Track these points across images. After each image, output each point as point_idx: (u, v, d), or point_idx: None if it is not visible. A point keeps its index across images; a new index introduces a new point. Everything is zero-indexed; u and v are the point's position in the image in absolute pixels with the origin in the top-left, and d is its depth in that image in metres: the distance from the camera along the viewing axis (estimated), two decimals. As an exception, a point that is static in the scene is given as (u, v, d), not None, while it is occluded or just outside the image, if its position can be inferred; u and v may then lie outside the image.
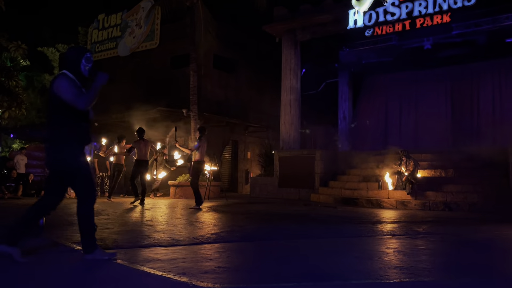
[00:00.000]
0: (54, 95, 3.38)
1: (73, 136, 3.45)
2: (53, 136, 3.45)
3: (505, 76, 14.11)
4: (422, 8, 11.17)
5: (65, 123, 3.41)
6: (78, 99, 3.37)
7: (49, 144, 3.47)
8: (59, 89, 3.36)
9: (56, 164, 3.48)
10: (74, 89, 3.39)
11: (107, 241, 4.43)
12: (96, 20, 20.17)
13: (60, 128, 3.42)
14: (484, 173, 10.56)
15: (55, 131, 3.44)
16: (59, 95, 3.36)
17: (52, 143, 3.45)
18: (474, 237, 5.39)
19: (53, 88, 3.39)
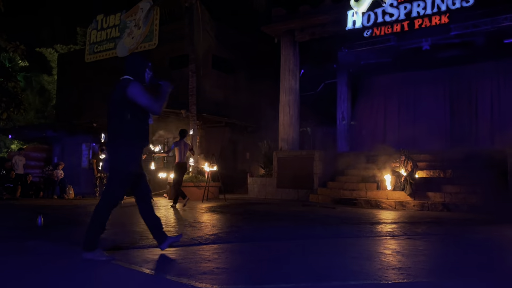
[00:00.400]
0: (128, 99, 3.56)
1: (139, 139, 3.68)
2: (120, 137, 3.62)
3: (504, 77, 14.13)
4: (421, 9, 11.18)
5: (129, 127, 3.61)
6: (155, 104, 3.62)
7: (115, 145, 3.63)
8: (134, 94, 3.56)
9: (121, 164, 3.61)
10: (148, 94, 3.62)
11: (106, 242, 4.43)
12: (95, 20, 20.16)
13: (126, 131, 3.61)
14: (483, 173, 10.55)
15: (122, 133, 3.61)
16: (134, 100, 3.56)
17: (118, 144, 3.62)
18: (473, 238, 5.40)
19: (128, 93, 3.56)
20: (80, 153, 19.73)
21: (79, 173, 19.37)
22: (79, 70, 20.58)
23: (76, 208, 9.12)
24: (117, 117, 3.63)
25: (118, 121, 3.63)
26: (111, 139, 3.66)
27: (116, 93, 3.67)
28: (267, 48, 19.12)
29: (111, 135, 3.67)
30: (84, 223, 6.28)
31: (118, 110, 3.63)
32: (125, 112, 3.60)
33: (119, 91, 3.64)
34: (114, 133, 3.65)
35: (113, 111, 3.67)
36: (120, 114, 3.62)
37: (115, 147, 3.63)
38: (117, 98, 3.64)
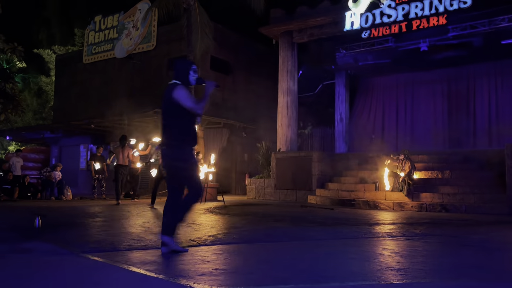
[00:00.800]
0: (174, 102, 3.85)
1: (189, 139, 3.95)
2: (173, 139, 3.91)
3: (501, 78, 14.18)
4: (419, 10, 11.21)
5: (183, 128, 3.91)
6: (198, 106, 3.88)
7: (169, 146, 3.92)
8: (180, 98, 3.84)
9: (176, 164, 3.90)
10: (192, 97, 3.91)
11: (103, 243, 4.42)
12: (93, 21, 20.15)
13: (180, 132, 3.90)
14: (481, 174, 10.60)
15: (175, 135, 3.90)
16: (179, 102, 3.84)
17: (172, 145, 3.91)
18: (471, 238, 5.41)
19: (174, 96, 3.85)
20: (78, 154, 19.70)
21: (77, 175, 19.34)
22: (77, 71, 20.56)
23: (74, 210, 9.10)
24: (170, 119, 3.94)
25: (171, 123, 3.93)
26: (166, 140, 3.94)
27: (166, 97, 3.95)
28: (265, 49, 19.16)
29: (167, 136, 3.94)
30: (82, 225, 6.28)
31: (170, 113, 3.93)
32: (175, 114, 3.90)
33: (167, 95, 3.92)
34: (168, 135, 3.94)
35: (166, 114, 3.96)
36: (171, 116, 3.92)
37: (174, 147, 3.90)
38: (167, 102, 3.92)
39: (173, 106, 3.88)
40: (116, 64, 18.82)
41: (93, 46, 19.83)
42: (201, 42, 13.68)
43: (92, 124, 16.56)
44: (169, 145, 3.93)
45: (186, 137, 3.92)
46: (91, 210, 8.85)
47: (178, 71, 4.07)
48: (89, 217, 7.33)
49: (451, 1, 10.73)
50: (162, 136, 4.02)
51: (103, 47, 19.38)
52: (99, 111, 18.51)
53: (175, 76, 4.05)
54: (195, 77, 4.09)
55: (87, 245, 4.29)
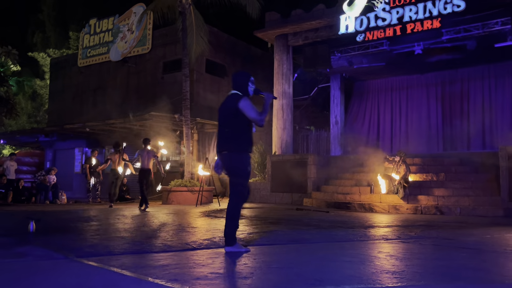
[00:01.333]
0: (238, 111, 4.14)
1: (248, 146, 4.27)
2: (235, 145, 4.20)
3: (495, 81, 14.28)
4: (413, 14, 11.27)
5: (244, 136, 4.22)
6: (260, 117, 4.16)
7: (230, 151, 4.21)
8: (244, 108, 4.13)
9: (236, 168, 4.23)
10: (255, 108, 4.16)
11: (99, 248, 4.40)
12: (88, 25, 20.12)
13: (242, 139, 4.21)
14: (475, 177, 10.65)
15: (238, 141, 4.20)
16: (243, 112, 4.13)
17: (233, 151, 4.20)
18: (466, 241, 5.42)
19: (239, 106, 4.14)
20: (73, 158, 19.62)
21: (71, 178, 19.25)
22: (72, 75, 20.51)
23: (68, 214, 9.05)
24: (230, 127, 4.22)
25: (231, 130, 4.22)
26: (226, 146, 4.23)
27: (228, 106, 4.24)
28: (260, 52, 19.20)
29: (225, 143, 4.24)
30: (76, 229, 6.25)
31: (231, 121, 4.21)
32: (237, 123, 4.19)
33: (230, 105, 4.21)
34: (228, 141, 4.23)
35: (226, 122, 4.26)
36: (232, 124, 4.21)
37: (234, 151, 4.20)
38: (229, 111, 4.21)
39: (236, 115, 4.17)
40: (111, 68, 18.79)
41: (88, 50, 19.79)
42: (196, 46, 13.69)
43: (87, 127, 16.50)
44: (230, 150, 4.22)
45: (246, 145, 4.25)
46: (86, 214, 8.81)
47: (237, 83, 4.36)
48: (83, 221, 7.29)
49: (445, 5, 10.80)
50: (221, 142, 4.28)
51: (98, 51, 19.35)
52: (94, 114, 18.47)
53: (234, 87, 4.36)
54: (252, 88, 4.40)
55: (82, 250, 4.27)
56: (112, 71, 18.75)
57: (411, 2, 11.28)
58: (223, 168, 4.38)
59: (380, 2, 11.73)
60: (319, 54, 13.38)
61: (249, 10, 13.20)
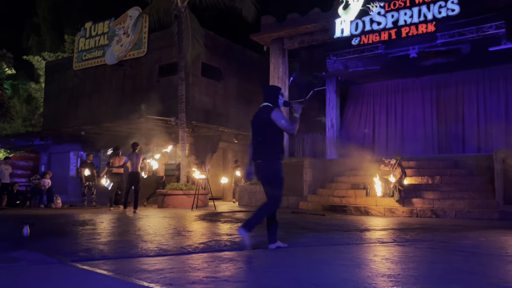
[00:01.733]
0: (271, 122, 4.46)
1: (281, 154, 4.57)
2: (269, 153, 4.53)
3: (489, 84, 14.37)
4: (407, 18, 11.33)
5: (277, 144, 4.54)
6: (292, 127, 4.52)
7: (265, 159, 4.54)
8: (277, 119, 4.45)
9: (270, 175, 4.53)
10: (286, 118, 4.50)
11: (93, 252, 4.37)
12: (83, 28, 20.08)
13: (276, 148, 4.53)
14: (470, 180, 10.69)
15: (271, 150, 4.52)
16: (276, 122, 4.45)
17: (268, 159, 4.53)
18: (461, 244, 5.44)
19: (272, 117, 4.46)
20: (68, 161, 19.54)
21: (66, 182, 19.16)
22: (67, 78, 20.45)
23: (63, 218, 9.00)
24: (263, 137, 4.54)
25: (264, 140, 4.54)
26: (260, 155, 4.55)
27: (261, 117, 4.58)
28: (256, 56, 19.23)
29: (259, 152, 4.57)
30: (71, 233, 6.21)
31: (264, 131, 4.53)
32: (270, 133, 4.50)
33: (263, 116, 4.53)
34: (262, 150, 4.55)
35: (259, 132, 4.58)
36: (265, 134, 4.52)
37: (269, 159, 4.53)
38: (262, 121, 4.54)
39: (269, 126, 4.49)
40: (107, 71, 18.76)
41: (84, 53, 19.75)
42: (192, 49, 13.70)
43: (82, 131, 16.44)
44: (265, 158, 4.54)
45: (280, 153, 4.56)
46: (81, 218, 8.76)
47: (268, 95, 4.70)
48: (78, 225, 7.25)
49: (439, 9, 10.86)
50: (256, 151, 4.61)
51: (94, 54, 19.32)
52: (90, 118, 18.41)
53: (265, 99, 4.69)
54: (282, 100, 4.70)
55: (77, 254, 4.24)
56: (107, 74, 18.71)
57: (406, 6, 11.34)
58: (255, 175, 4.70)
59: (375, 6, 11.79)
60: (315, 57, 13.42)
61: (245, 13, 13.22)
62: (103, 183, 13.45)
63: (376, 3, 11.75)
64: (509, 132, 13.58)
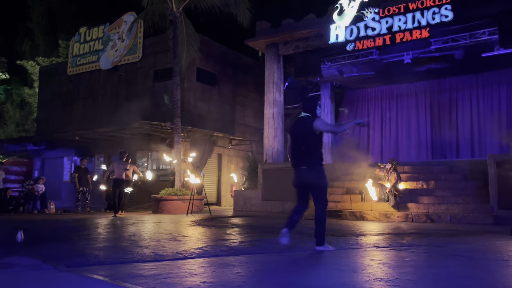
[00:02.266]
0: (314, 131, 4.86)
1: (322, 160, 4.96)
2: (314, 160, 4.90)
3: (482, 90, 14.49)
4: (402, 24, 11.41)
5: (319, 152, 4.94)
6: (336, 128, 5.18)
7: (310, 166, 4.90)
8: (319, 126, 4.88)
9: (316, 179, 4.91)
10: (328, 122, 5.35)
11: (89, 257, 4.33)
12: (78, 33, 20.03)
13: (318, 155, 4.92)
14: (464, 184, 10.74)
15: (315, 157, 4.91)
16: (319, 130, 4.87)
17: (313, 165, 4.90)
18: (457, 249, 5.45)
19: (314, 126, 4.86)
20: (62, 167, 19.41)
21: (60, 188, 19.03)
22: (62, 83, 20.36)
23: (57, 223, 8.93)
24: (306, 145, 4.92)
25: (307, 148, 4.92)
26: (305, 162, 4.92)
27: (302, 128, 4.98)
28: (251, 61, 19.27)
29: (303, 159, 4.93)
30: (65, 239, 6.16)
31: (307, 140, 4.92)
32: (313, 141, 4.91)
33: (305, 126, 4.93)
34: (306, 158, 4.92)
35: (301, 141, 4.97)
36: (309, 143, 4.91)
37: (314, 166, 4.90)
38: (305, 132, 4.93)
39: (312, 135, 4.87)
40: (101, 76, 18.70)
41: (78, 58, 19.68)
42: (187, 54, 13.70)
43: (77, 136, 16.36)
44: (310, 165, 4.90)
45: (321, 160, 4.95)
46: (75, 224, 8.70)
47: (308, 107, 5.10)
48: (72, 231, 7.20)
49: (433, 15, 10.95)
50: (298, 158, 4.99)
51: (88, 59, 19.26)
52: (84, 123, 18.33)
53: (304, 109, 5.10)
54: (320, 111, 5.14)
55: (71, 260, 4.20)
56: (102, 79, 18.65)
57: (400, 12, 11.43)
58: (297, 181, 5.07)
59: (369, 12, 11.87)
60: (310, 63, 13.46)
61: (240, 19, 13.26)
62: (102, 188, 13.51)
63: (370, 9, 11.84)
64: (502, 137, 13.69)
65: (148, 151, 16.88)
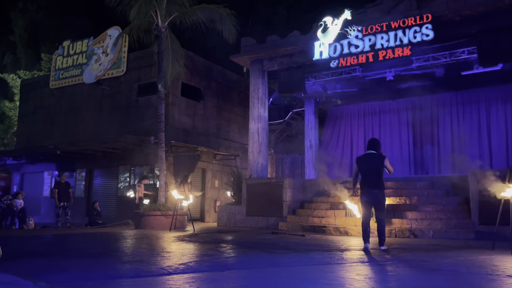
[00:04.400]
0: (382, 165, 6.80)
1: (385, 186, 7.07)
2: (382, 185, 6.86)
3: (462, 107, 14.80)
4: (384, 41, 11.64)
5: (383, 179, 6.89)
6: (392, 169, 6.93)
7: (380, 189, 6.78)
8: (387, 164, 6.83)
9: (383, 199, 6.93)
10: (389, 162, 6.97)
11: (70, 273, 4.22)
12: (61, 46, 19.87)
13: (383, 182, 6.91)
14: (446, 200, 10.87)
15: (383, 183, 6.88)
16: (385, 166, 6.82)
17: (381, 188, 6.80)
18: (441, 263, 5.49)
19: (384, 162, 6.80)
20: (42, 181, 19.02)
21: (40, 203, 18.63)
22: (43, 97, 20.09)
23: (35, 239, 8.70)
24: (378, 175, 6.80)
25: (378, 177, 6.80)
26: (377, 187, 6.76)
27: (374, 161, 6.84)
28: (236, 76, 19.37)
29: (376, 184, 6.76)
30: (45, 254, 6.00)
31: (378, 171, 6.80)
32: (382, 172, 6.82)
33: (377, 161, 6.82)
34: (377, 182, 6.77)
35: (374, 171, 6.81)
36: (379, 173, 6.81)
37: (382, 189, 6.83)
38: (376, 165, 6.80)
39: (382, 168, 6.79)
40: (84, 90, 18.53)
41: (61, 71, 19.49)
42: (172, 69, 13.69)
43: (58, 150, 16.09)
44: (380, 188, 6.77)
45: (384, 185, 6.99)
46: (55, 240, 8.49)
47: (376, 147, 6.95)
48: (53, 247, 7.02)
49: (415, 34, 11.21)
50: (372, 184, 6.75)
51: (71, 72, 19.08)
52: (66, 137, 18.06)
53: (370, 148, 6.96)
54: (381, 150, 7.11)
55: (53, 276, 4.09)
56: (85, 93, 18.47)
57: (383, 30, 11.66)
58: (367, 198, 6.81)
59: (353, 29, 12.09)
60: (294, 79, 13.59)
61: (225, 35, 13.35)
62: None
63: (354, 27, 12.05)
64: (482, 154, 13.96)
65: (131, 166, 16.69)
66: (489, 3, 10.35)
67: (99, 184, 17.73)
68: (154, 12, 13.05)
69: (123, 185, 16.89)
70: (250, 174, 13.76)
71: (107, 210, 16.29)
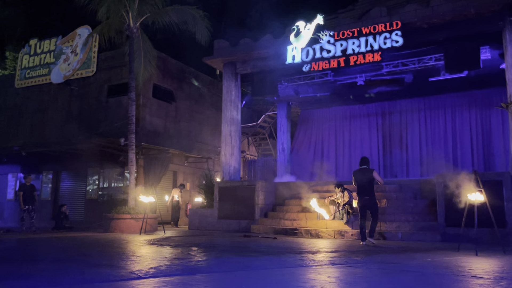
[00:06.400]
0: (372, 177, 8.37)
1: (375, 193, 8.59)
2: (372, 193, 8.41)
3: (430, 113, 15.23)
4: (355, 47, 11.83)
5: (373, 188, 8.46)
6: (381, 179, 8.61)
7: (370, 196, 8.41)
8: (376, 176, 8.43)
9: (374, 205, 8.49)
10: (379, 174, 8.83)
11: (36, 280, 4.08)
12: (28, 45, 19.29)
13: (373, 190, 8.44)
14: (414, 203, 11.13)
15: (373, 191, 8.43)
16: (375, 177, 8.39)
17: (372, 196, 8.40)
18: (409, 265, 5.60)
19: (373, 175, 8.38)
20: (5, 184, 18.37)
21: (3, 206, 17.99)
22: (8, 96, 19.43)
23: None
24: (369, 184, 8.37)
25: (370, 186, 8.38)
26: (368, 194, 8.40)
27: (365, 174, 8.41)
28: (209, 79, 19.28)
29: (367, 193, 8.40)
30: (8, 260, 5.78)
31: (370, 182, 8.37)
32: (372, 183, 8.40)
33: (368, 173, 8.40)
34: (369, 191, 8.40)
35: (366, 182, 8.40)
36: (369, 183, 8.38)
37: (373, 197, 8.44)
38: (368, 177, 8.36)
39: (372, 179, 8.36)
40: (52, 90, 18.04)
41: (27, 70, 18.91)
42: (143, 70, 13.51)
43: (23, 151, 15.58)
44: (370, 195, 8.38)
45: (374, 192, 8.53)
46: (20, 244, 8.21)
47: (366, 163, 8.61)
48: (18, 251, 6.78)
49: (385, 40, 11.45)
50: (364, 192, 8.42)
51: (38, 72, 18.55)
52: (32, 138, 17.52)
53: (362, 164, 8.60)
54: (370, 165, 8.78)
55: (16, 282, 3.94)
56: (53, 93, 17.98)
57: (354, 36, 11.86)
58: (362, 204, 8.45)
59: (325, 34, 12.24)
60: (267, 82, 13.63)
61: (198, 37, 13.28)
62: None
63: (326, 32, 12.21)
64: (448, 158, 14.38)
65: (100, 168, 16.34)
66: (456, 12, 10.68)
67: (66, 187, 17.28)
68: (125, 12, 12.85)
69: (92, 187, 16.52)
70: (223, 177, 13.70)
71: (75, 213, 15.89)
